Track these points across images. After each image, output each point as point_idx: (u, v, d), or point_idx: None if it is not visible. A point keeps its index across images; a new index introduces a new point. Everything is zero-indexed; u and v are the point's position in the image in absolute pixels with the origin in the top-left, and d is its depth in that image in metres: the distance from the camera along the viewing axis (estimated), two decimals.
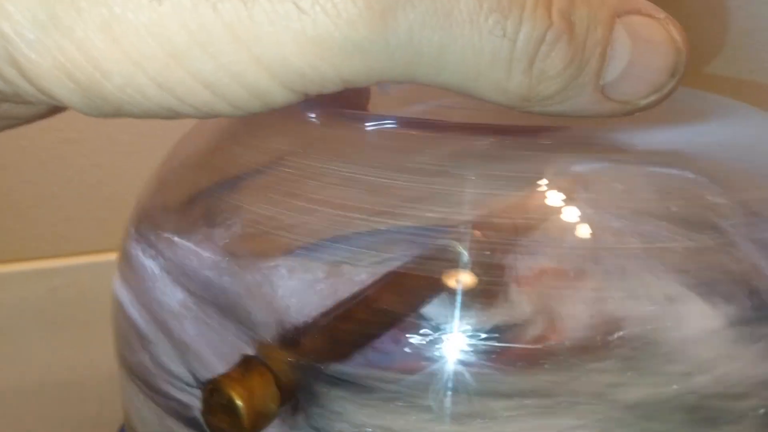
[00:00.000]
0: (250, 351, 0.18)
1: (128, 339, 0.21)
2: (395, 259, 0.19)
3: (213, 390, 0.17)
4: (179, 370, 0.19)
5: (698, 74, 0.42)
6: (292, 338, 0.18)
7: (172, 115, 0.12)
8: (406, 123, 0.20)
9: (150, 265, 0.20)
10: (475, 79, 0.12)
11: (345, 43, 0.11)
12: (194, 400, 0.18)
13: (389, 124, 0.20)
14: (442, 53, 0.12)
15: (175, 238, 0.20)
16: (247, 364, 0.17)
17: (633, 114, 0.14)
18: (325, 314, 0.18)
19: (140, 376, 0.20)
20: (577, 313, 0.18)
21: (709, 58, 0.42)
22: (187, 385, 0.19)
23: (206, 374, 0.17)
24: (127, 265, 0.22)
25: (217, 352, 0.18)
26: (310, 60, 0.11)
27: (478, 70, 0.12)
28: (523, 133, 0.20)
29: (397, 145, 0.20)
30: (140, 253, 0.21)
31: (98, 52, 0.11)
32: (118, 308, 0.21)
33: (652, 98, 0.14)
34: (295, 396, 0.18)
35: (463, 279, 0.18)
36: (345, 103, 0.23)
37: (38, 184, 0.43)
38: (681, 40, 0.14)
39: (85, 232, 0.44)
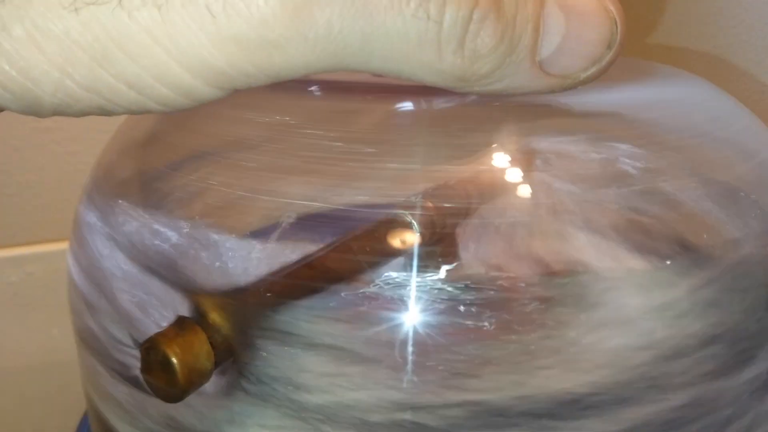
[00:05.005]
0: (186, 314, 0.18)
1: (77, 308, 0.21)
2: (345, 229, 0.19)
3: (149, 348, 0.17)
4: (120, 333, 0.19)
5: (641, 44, 0.42)
6: (231, 295, 0.19)
7: (106, 113, 0.12)
8: (332, 87, 0.21)
9: (97, 232, 0.21)
10: (406, 63, 0.12)
11: (261, 42, 0.11)
12: (134, 361, 0.19)
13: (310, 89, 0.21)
14: (367, 42, 0.12)
15: (126, 208, 0.21)
16: (181, 323, 0.18)
17: (575, 88, 0.14)
18: (266, 275, 0.19)
19: (89, 342, 0.21)
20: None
21: (651, 27, 0.42)
22: (127, 346, 0.19)
23: (144, 336, 0.18)
24: (77, 234, 0.22)
25: (155, 315, 0.19)
26: (230, 59, 0.12)
27: (407, 55, 0.12)
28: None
29: (329, 111, 0.20)
30: (88, 221, 0.21)
31: (26, 62, 0.11)
32: (70, 279, 0.22)
33: (592, 71, 0.14)
34: (230, 356, 0.18)
35: (406, 242, 0.19)
36: None
37: (13, 173, 0.43)
38: (615, 10, 0.14)
39: (60, 220, 0.44)
